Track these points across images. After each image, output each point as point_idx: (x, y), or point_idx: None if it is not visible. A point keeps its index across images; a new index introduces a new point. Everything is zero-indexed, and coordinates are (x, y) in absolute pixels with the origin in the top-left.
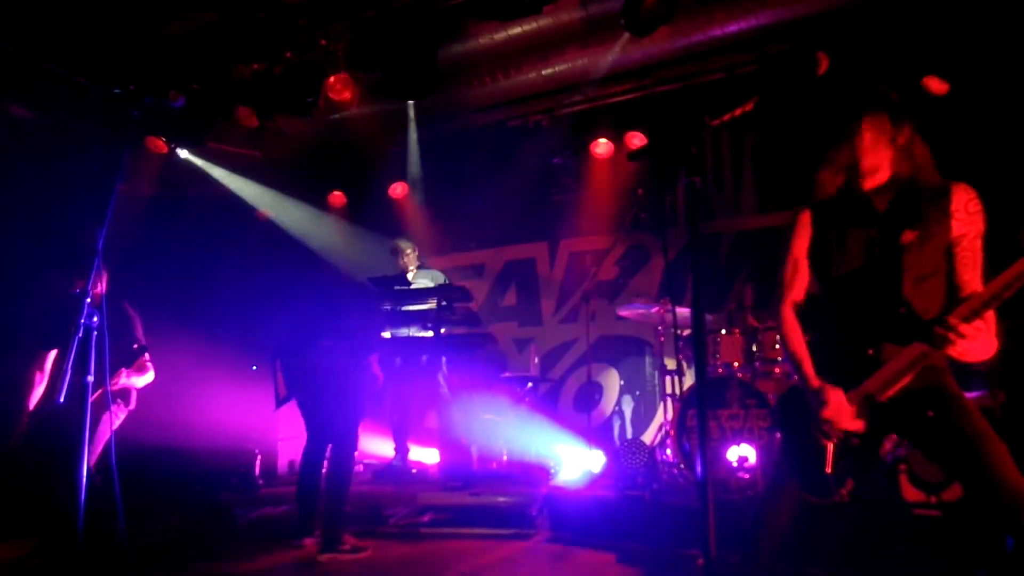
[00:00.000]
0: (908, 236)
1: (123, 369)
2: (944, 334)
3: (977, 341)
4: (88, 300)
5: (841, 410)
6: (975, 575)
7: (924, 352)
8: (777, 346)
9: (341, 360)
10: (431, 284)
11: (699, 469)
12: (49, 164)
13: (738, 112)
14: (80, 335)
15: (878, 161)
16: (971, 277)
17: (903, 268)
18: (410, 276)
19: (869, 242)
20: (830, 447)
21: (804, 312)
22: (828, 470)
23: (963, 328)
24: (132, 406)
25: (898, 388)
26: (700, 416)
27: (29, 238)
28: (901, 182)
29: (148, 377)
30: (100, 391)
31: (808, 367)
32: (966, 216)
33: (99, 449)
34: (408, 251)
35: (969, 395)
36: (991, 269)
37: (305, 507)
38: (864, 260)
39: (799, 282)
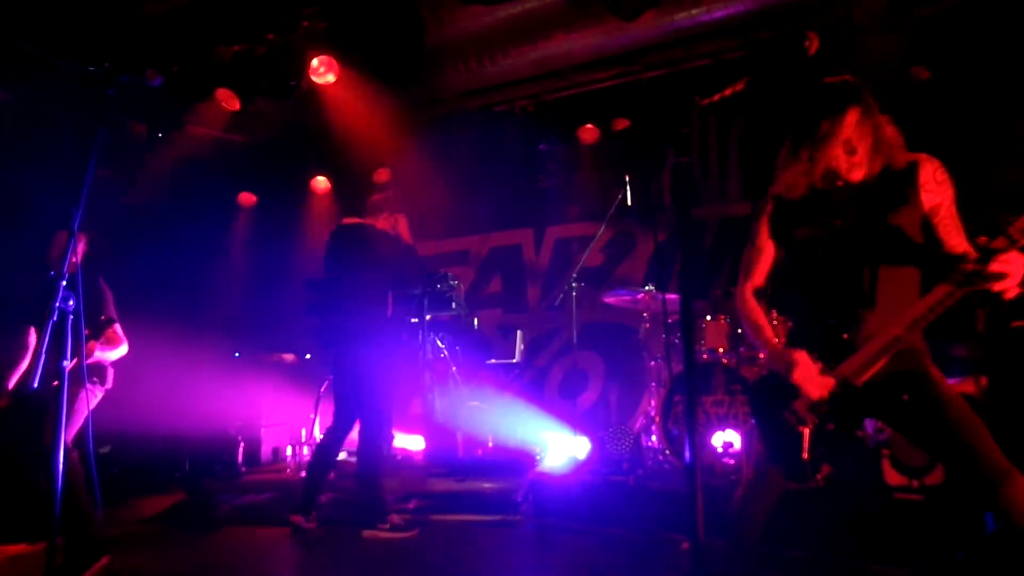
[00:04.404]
0: (879, 218)
1: (93, 343)
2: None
3: None
4: (63, 283)
5: (809, 374)
6: (956, 556)
7: (898, 336)
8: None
9: (388, 343)
10: None
11: (688, 455)
12: (24, 145)
13: (728, 92)
14: (55, 319)
15: (857, 159)
16: (958, 241)
17: (876, 252)
18: None
19: (841, 229)
20: (806, 433)
21: (781, 295)
22: (804, 456)
23: None
24: (109, 385)
25: (873, 372)
26: (688, 402)
27: (4, 220)
28: (871, 170)
29: (122, 349)
30: (75, 361)
31: (769, 333)
32: (935, 186)
33: (76, 427)
34: None
35: (951, 381)
36: None
37: (313, 485)
38: (836, 247)
39: (760, 268)
